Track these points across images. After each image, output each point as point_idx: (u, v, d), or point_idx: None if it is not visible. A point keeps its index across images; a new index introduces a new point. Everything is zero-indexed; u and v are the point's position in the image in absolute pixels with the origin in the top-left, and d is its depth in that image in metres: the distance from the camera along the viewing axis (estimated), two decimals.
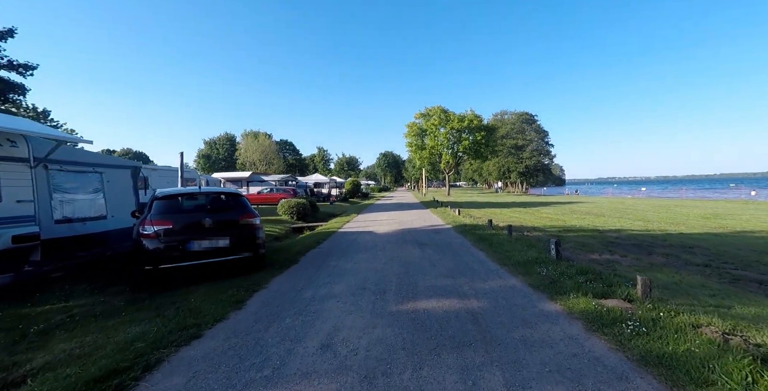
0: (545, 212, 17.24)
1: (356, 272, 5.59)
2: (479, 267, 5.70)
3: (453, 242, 8.32)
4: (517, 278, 4.93)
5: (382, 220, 14.27)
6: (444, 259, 6.41)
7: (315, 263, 6.36)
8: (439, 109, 39.06)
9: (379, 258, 6.68)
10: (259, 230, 5.62)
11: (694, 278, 5.17)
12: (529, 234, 9.57)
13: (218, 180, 26.66)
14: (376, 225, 12.39)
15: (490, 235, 8.78)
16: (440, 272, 5.43)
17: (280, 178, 29.39)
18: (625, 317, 3.17)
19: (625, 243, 8.15)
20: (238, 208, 5.61)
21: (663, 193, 45.42)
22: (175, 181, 19.50)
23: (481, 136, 37.39)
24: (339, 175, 75.64)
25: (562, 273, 4.82)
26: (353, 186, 37.29)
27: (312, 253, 7.45)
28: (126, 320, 3.65)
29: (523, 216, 15.58)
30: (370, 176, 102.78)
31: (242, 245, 5.31)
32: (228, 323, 3.54)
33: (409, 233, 9.98)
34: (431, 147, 39.50)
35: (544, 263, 5.49)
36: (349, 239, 9.24)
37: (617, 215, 15.18)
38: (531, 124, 68.99)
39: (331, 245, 8.39)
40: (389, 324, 3.41)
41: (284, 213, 15.65)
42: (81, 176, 6.40)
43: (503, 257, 6.30)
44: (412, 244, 8.16)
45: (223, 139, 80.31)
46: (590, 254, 6.77)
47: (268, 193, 25.56)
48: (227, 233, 5.19)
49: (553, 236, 9.44)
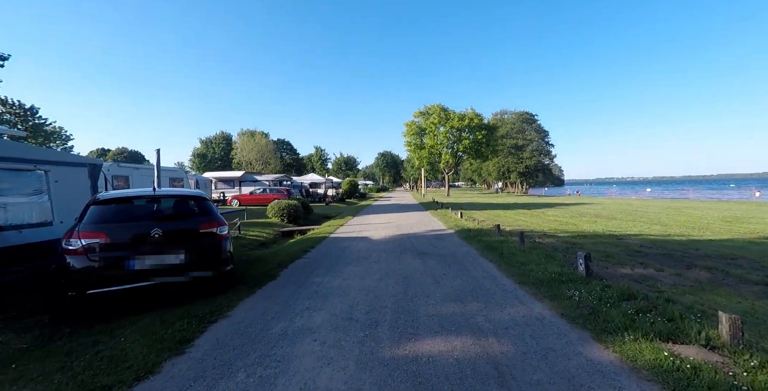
0: (552, 215, 16.28)
1: (344, 293, 4.60)
2: (493, 286, 4.71)
3: (458, 251, 7.33)
4: (543, 303, 3.94)
5: (379, 223, 13.28)
6: (449, 274, 5.42)
7: (296, 280, 5.36)
8: (439, 107, 38.04)
9: (372, 272, 5.68)
10: (225, 242, 4.60)
11: (766, 303, 4.19)
12: (541, 241, 8.60)
13: (209, 180, 25.60)
14: (372, 229, 11.39)
15: (499, 242, 7.80)
16: (446, 293, 4.44)
17: (273, 178, 28.35)
18: (724, 381, 2.18)
19: (653, 252, 7.18)
20: (201, 214, 4.60)
21: (667, 194, 44.59)
22: (164, 182, 18.51)
23: (481, 136, 36.34)
24: (337, 175, 74.61)
25: (600, 297, 3.83)
26: (350, 186, 36.27)
27: (296, 265, 6.44)
28: (11, 377, 2.62)
29: (529, 219, 14.62)
30: (368, 176, 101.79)
31: (202, 260, 4.30)
32: (155, 382, 2.53)
33: (408, 240, 8.99)
34: (430, 146, 38.47)
35: (572, 282, 4.51)
36: (340, 247, 8.24)
37: (629, 218, 14.23)
38: (531, 123, 68.16)
39: (319, 255, 7.38)
40: (380, 383, 2.42)
41: (274, 215, 14.64)
42: (16, 175, 5.37)
43: (519, 271, 5.31)
44: (411, 253, 7.17)
45: (219, 138, 79.26)
46: (619, 268, 5.79)
47: (261, 193, 24.54)
48: (182, 246, 4.18)
49: (568, 242, 8.47)
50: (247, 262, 6.72)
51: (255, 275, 5.57)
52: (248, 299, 4.41)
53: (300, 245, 8.64)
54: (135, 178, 16.18)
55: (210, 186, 25.58)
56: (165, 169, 19.97)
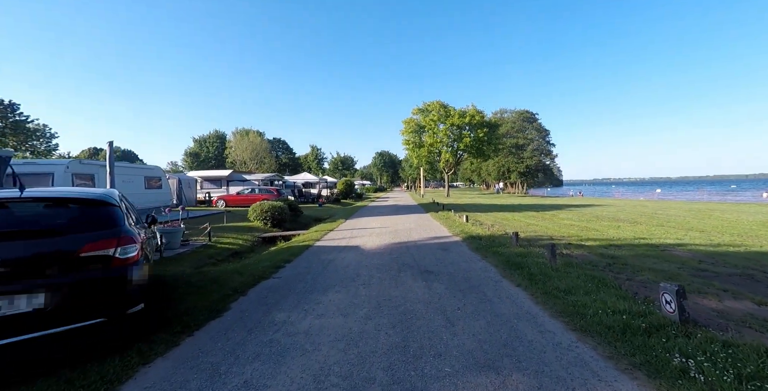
0: (565, 218, 14.73)
1: (312, 346, 3.01)
2: (535, 335, 3.14)
3: (471, 268, 5.75)
4: (638, 381, 2.36)
5: (373, 228, 11.68)
6: (466, 308, 3.85)
7: (251, 318, 3.76)
8: (439, 104, 36.39)
9: (359, 304, 4.09)
10: (130, 269, 2.99)
11: None
12: (570, 253, 7.04)
13: (194, 179, 23.92)
14: (365, 236, 9.79)
15: (521, 256, 6.23)
16: (467, 349, 2.87)
17: (264, 178, 26.69)
18: None
19: (722, 271, 5.63)
20: (89, 227, 2.98)
21: (677, 196, 43.05)
22: (139, 180, 16.83)
23: (483, 133, 34.66)
24: (333, 175, 72.96)
25: (740, 376, 2.25)
26: (346, 186, 34.65)
27: (259, 289, 4.84)
28: None
29: (542, 223, 13.07)
30: (365, 176, 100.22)
31: (84, 301, 2.71)
32: None
33: (407, 251, 7.41)
34: (430, 145, 36.83)
35: (662, 332, 2.94)
36: (324, 261, 6.65)
37: (655, 222, 12.71)
38: (531, 122, 66.81)
39: (294, 273, 5.78)
40: None
41: (256, 218, 13.02)
42: None
43: (566, 307, 3.73)
44: (411, 271, 5.59)
45: (213, 136, 77.73)
46: (700, 298, 4.23)
47: (249, 194, 22.90)
48: (43, 281, 2.58)
49: (604, 256, 6.91)
50: (197, 284, 5.11)
51: (194, 309, 3.96)
52: (156, 363, 2.80)
53: (275, 258, 7.04)
54: (102, 178, 14.51)
55: (195, 186, 23.91)
56: (139, 167, 18.28)
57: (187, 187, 22.95)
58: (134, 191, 16.20)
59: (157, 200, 17.51)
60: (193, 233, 9.92)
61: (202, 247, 8.88)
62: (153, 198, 17.19)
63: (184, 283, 4.99)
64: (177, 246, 8.42)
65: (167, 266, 6.45)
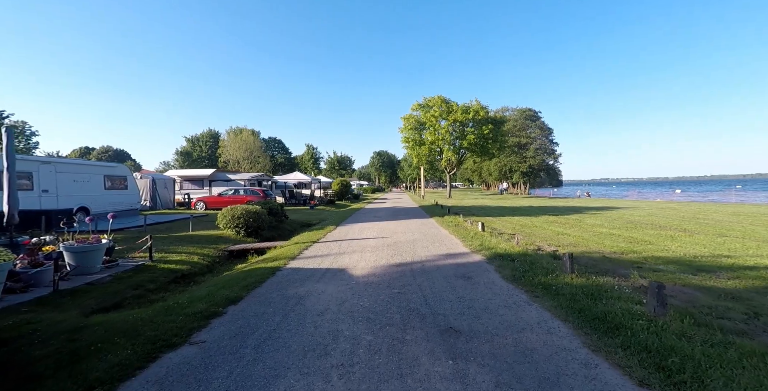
0: (595, 224, 12.48)
1: None
2: None
3: (522, 323, 3.49)
4: None
5: (367, 239, 9.41)
6: None
7: None
8: (440, 99, 34.05)
9: None
10: None
11: None
12: (643, 277, 4.78)
13: (171, 179, 21.55)
14: (356, 252, 7.51)
15: (591, 295, 3.98)
16: None
17: (250, 177, 24.36)
18: None
19: None
20: None
21: (695, 197, 40.71)
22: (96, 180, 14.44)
23: (488, 130, 32.36)
24: (330, 175, 70.67)
25: None
26: (342, 187, 32.32)
27: (137, 387, 2.55)
28: None
29: (572, 232, 10.82)
30: (363, 176, 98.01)
31: None
32: None
33: (413, 280, 5.14)
34: (431, 142, 34.49)
35: None
36: (287, 301, 4.37)
37: (711, 231, 10.45)
38: (534, 120, 64.75)
39: (229, 333, 3.48)
40: None
41: (226, 226, 10.71)
42: None
43: None
44: (425, 332, 3.32)
45: (206, 135, 75.45)
46: None
47: (233, 195, 20.60)
48: None
49: (706, 290, 4.65)
50: (34, 368, 2.80)
51: None
52: None
53: (219, 294, 4.74)
54: (45, 176, 12.17)
55: (172, 186, 21.56)
56: (97, 165, 15.88)
57: (162, 188, 20.59)
58: (90, 193, 13.85)
59: (122, 203, 15.17)
60: (136, 247, 7.63)
61: (135, 269, 6.58)
62: (116, 200, 14.86)
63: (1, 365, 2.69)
64: (96, 269, 6.12)
65: (38, 312, 4.13)
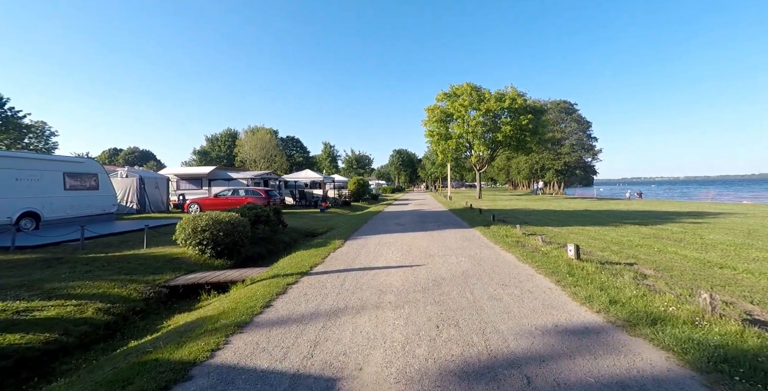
0: (724, 244, 8.39)
1: None
2: None
3: None
4: None
5: (388, 271, 5.91)
6: None
7: None
8: (470, 86, 29.93)
9: None
10: None
11: None
12: None
13: (164, 178, 18.91)
14: (366, 312, 4.01)
15: None
16: None
17: (254, 176, 21.45)
18: None
19: None
20: None
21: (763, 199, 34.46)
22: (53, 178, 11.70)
23: (527, 121, 27.99)
24: (348, 174, 67.80)
25: None
26: (358, 187, 29.02)
27: None
28: None
29: (704, 256, 6.89)
30: (382, 176, 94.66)
31: None
32: None
33: None
34: (458, 136, 30.39)
35: None
36: None
37: None
38: (570, 114, 59.00)
39: None
40: None
41: (186, 243, 7.51)
42: None
43: None
44: None
45: (225, 135, 74.79)
46: None
47: (231, 196, 17.67)
48: None
49: None
50: None
51: None
52: None
53: None
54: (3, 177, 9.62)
55: (166, 186, 18.93)
56: (53, 159, 13.01)
57: (153, 188, 17.95)
58: (42, 194, 11.00)
59: (90, 206, 12.37)
60: None
61: None
62: (80, 203, 12.04)
63: None
64: None
65: None
